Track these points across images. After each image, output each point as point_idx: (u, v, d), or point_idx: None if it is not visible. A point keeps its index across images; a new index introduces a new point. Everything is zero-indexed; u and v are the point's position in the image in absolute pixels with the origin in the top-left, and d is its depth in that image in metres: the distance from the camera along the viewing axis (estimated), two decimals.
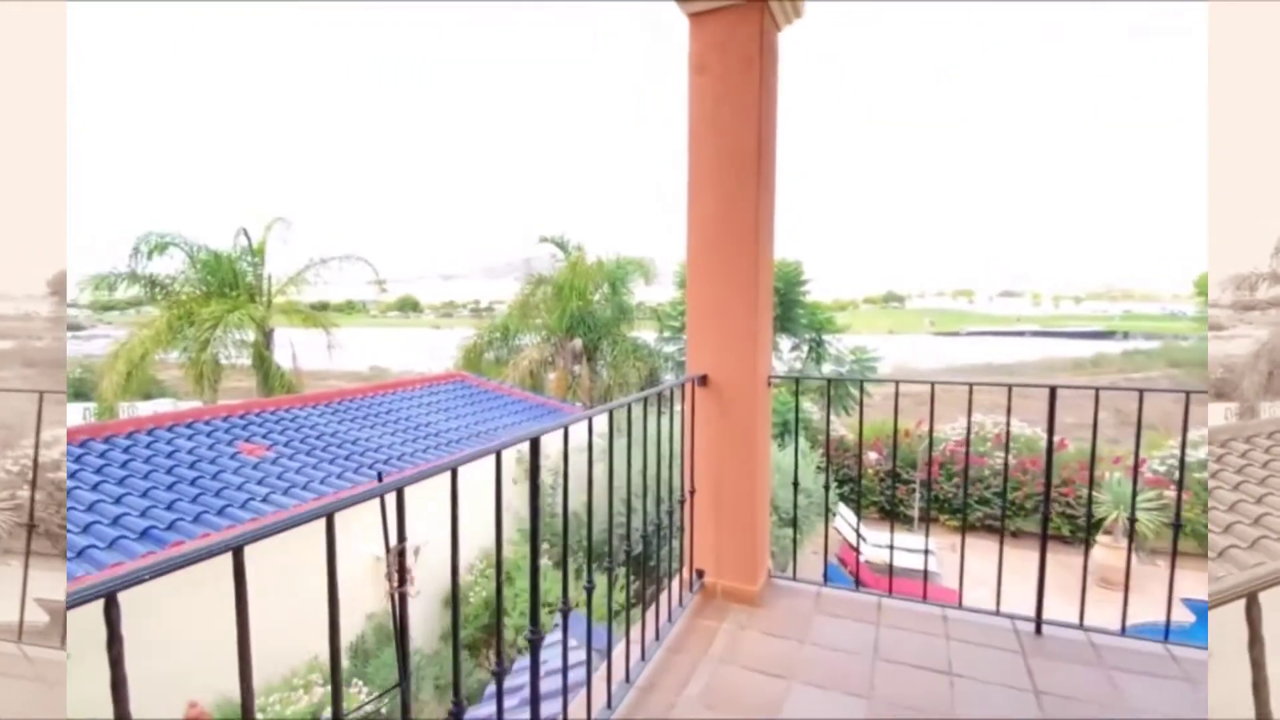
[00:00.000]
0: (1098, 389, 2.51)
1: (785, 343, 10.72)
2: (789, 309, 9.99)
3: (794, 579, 3.00)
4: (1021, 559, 3.05)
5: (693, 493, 2.74)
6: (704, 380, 2.76)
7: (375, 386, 9.46)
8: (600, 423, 2.17)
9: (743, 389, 2.72)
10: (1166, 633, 2.44)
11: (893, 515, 5.18)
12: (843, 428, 11.55)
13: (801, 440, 9.67)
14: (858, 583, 3.76)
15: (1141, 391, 2.53)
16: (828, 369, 10.74)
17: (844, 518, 9.30)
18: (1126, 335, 37.80)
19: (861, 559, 8.56)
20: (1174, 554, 2.53)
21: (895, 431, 3.33)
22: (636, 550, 2.30)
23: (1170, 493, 9.12)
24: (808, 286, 10.47)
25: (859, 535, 8.20)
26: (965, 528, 3.25)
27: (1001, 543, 2.78)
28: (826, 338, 10.61)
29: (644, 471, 2.34)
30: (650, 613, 2.40)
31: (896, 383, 3.19)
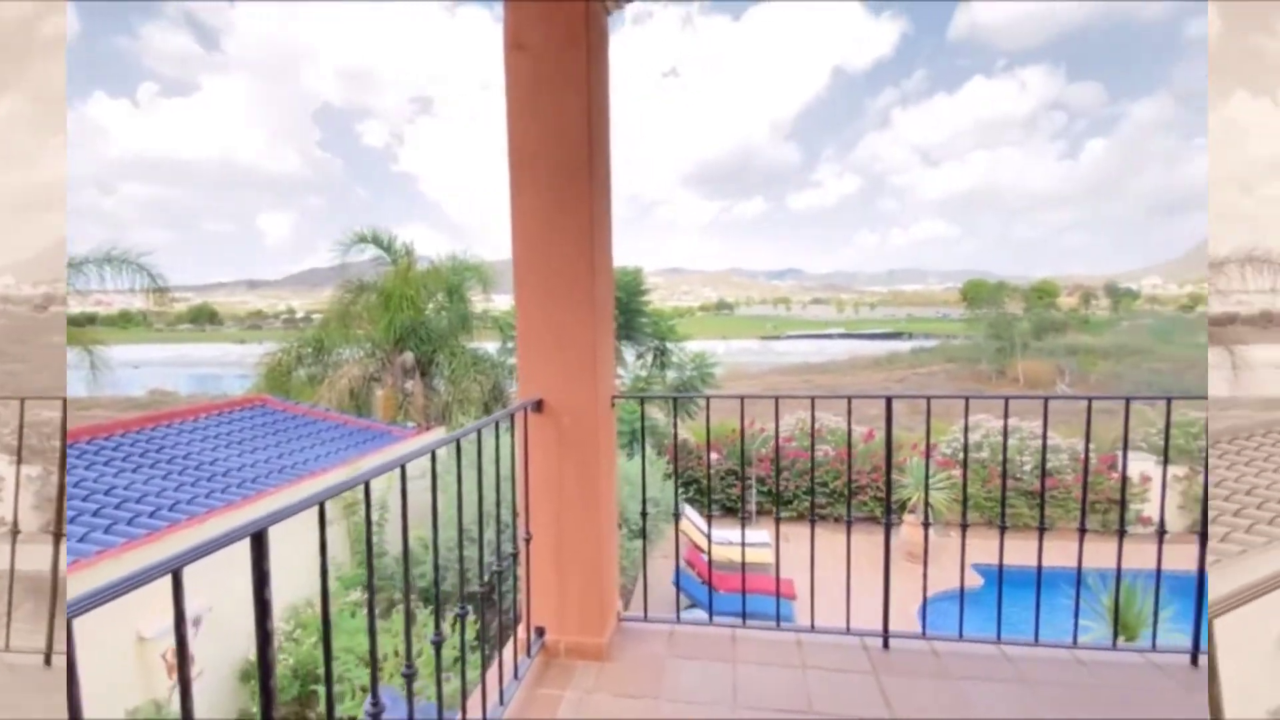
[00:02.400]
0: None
1: (630, 353, 10.70)
2: (632, 319, 9.97)
3: (645, 619, 2.73)
4: (841, 543, 3.12)
5: (528, 540, 2.35)
6: (539, 406, 2.38)
7: (150, 417, 7.70)
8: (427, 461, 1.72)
9: (583, 412, 2.39)
10: (999, 632, 2.54)
11: (778, 515, 5.20)
12: (686, 431, 11.83)
13: (648, 448, 9.67)
14: (710, 589, 3.60)
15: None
16: (672, 376, 10.89)
17: (691, 519, 9.43)
18: (911, 336, 44.23)
19: (708, 559, 8.74)
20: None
21: (742, 440, 3.24)
22: (465, 608, 1.87)
23: (957, 472, 10.53)
24: (650, 296, 10.57)
25: (708, 536, 8.34)
26: (813, 538, 3.21)
27: (849, 549, 2.75)
28: (669, 345, 10.77)
29: (479, 513, 1.90)
30: (477, 693, 1.96)
31: (741, 397, 3.10)
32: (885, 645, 2.49)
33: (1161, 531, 2.65)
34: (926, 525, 4.32)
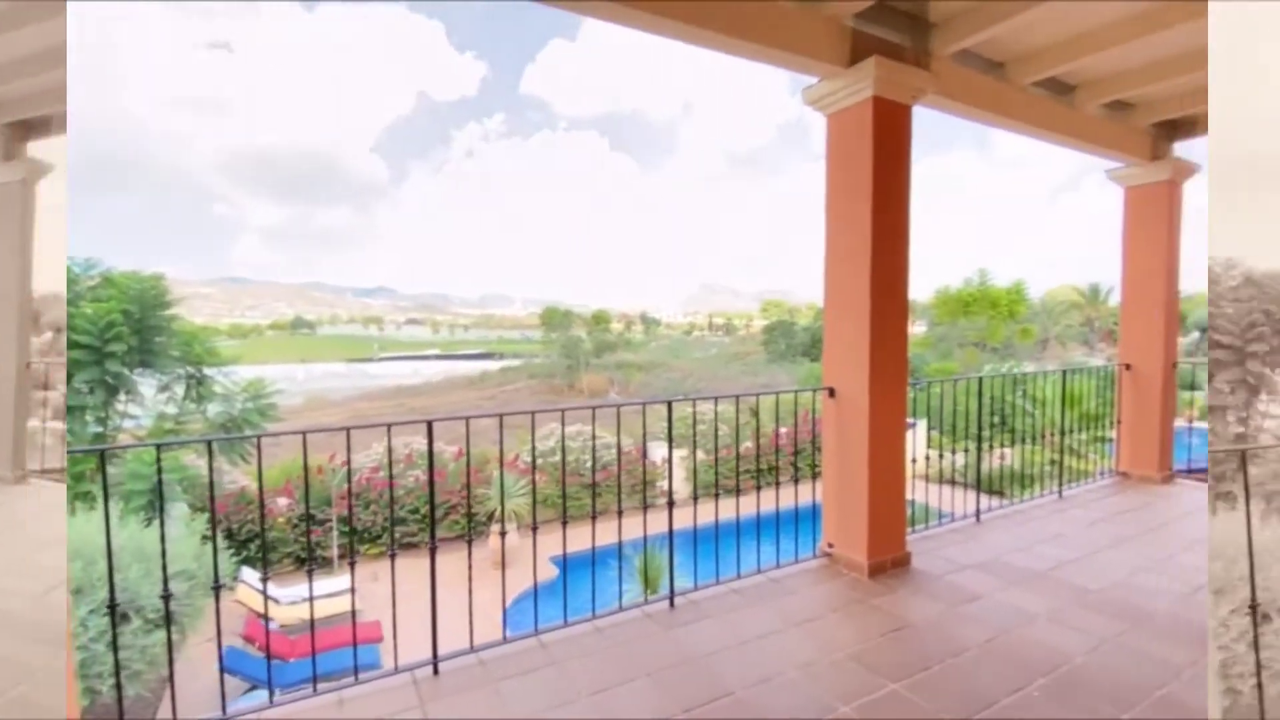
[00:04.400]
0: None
1: (149, 384, 8.27)
2: (148, 339, 7.72)
3: None
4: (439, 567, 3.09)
5: None
6: None
7: None
8: None
9: None
10: (536, 626, 2.82)
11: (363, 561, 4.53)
12: (244, 478, 9.83)
13: (184, 508, 7.65)
14: (279, 661, 2.99)
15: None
16: (216, 410, 8.86)
17: (249, 584, 7.84)
18: (502, 356, 47.40)
19: (274, 626, 7.43)
20: (534, 528, 2.97)
21: (306, 479, 2.80)
22: None
23: (537, 478, 11.63)
24: (178, 308, 8.37)
25: (271, 597, 7.04)
26: (394, 571, 3.00)
27: (434, 575, 2.66)
28: (210, 371, 8.74)
29: None
30: None
31: (304, 432, 2.67)
32: (435, 671, 2.49)
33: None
34: (504, 535, 4.59)
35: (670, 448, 3.59)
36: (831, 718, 2.25)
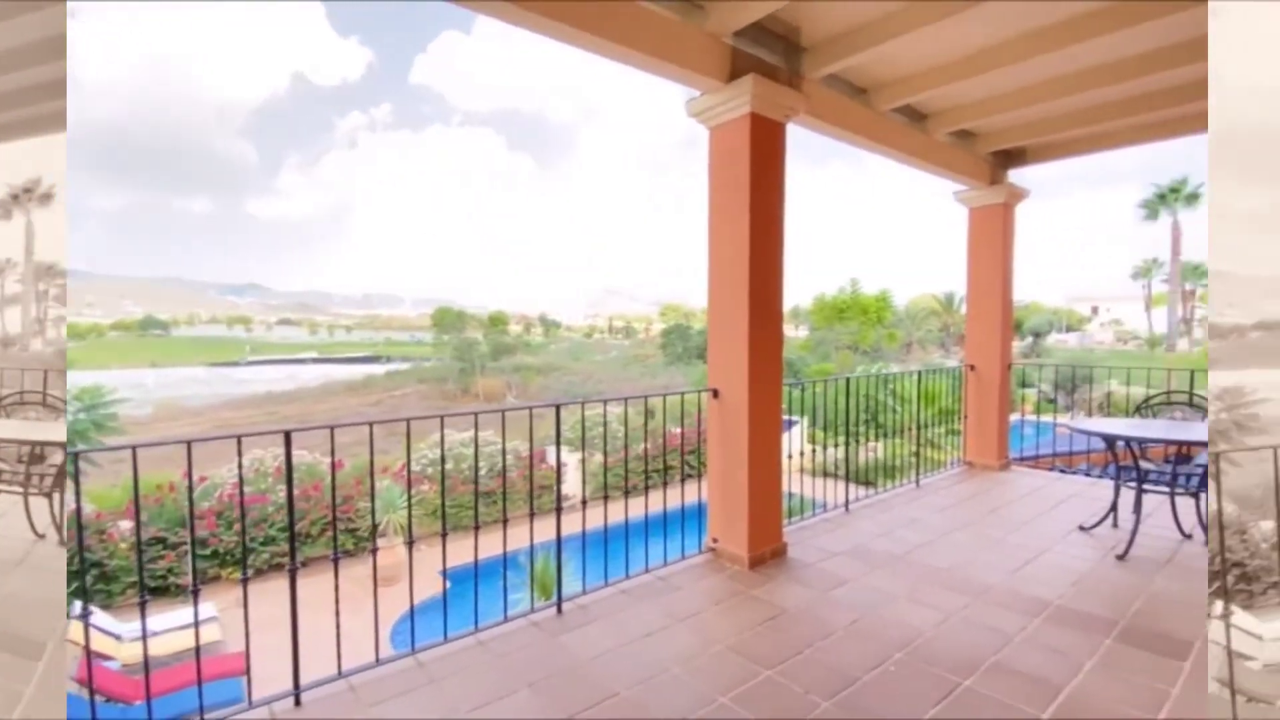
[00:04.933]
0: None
1: None
2: None
3: None
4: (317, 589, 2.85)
5: None
6: None
7: None
8: None
9: None
10: (413, 644, 2.69)
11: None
12: (87, 501, 8.60)
13: None
14: (125, 704, 2.62)
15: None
16: None
17: (86, 619, 6.86)
18: (389, 359, 44.72)
19: (116, 666, 6.54)
20: (409, 544, 2.83)
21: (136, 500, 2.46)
22: None
23: (425, 487, 11.11)
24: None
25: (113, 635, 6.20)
26: (246, 596, 2.72)
27: (294, 599, 2.43)
28: None
29: None
30: None
31: (133, 447, 2.32)
32: (297, 702, 2.31)
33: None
34: (374, 551, 4.32)
35: (559, 452, 3.58)
36: (710, 710, 2.33)
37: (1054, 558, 3.86)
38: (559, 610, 3.14)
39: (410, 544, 3.33)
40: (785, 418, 4.80)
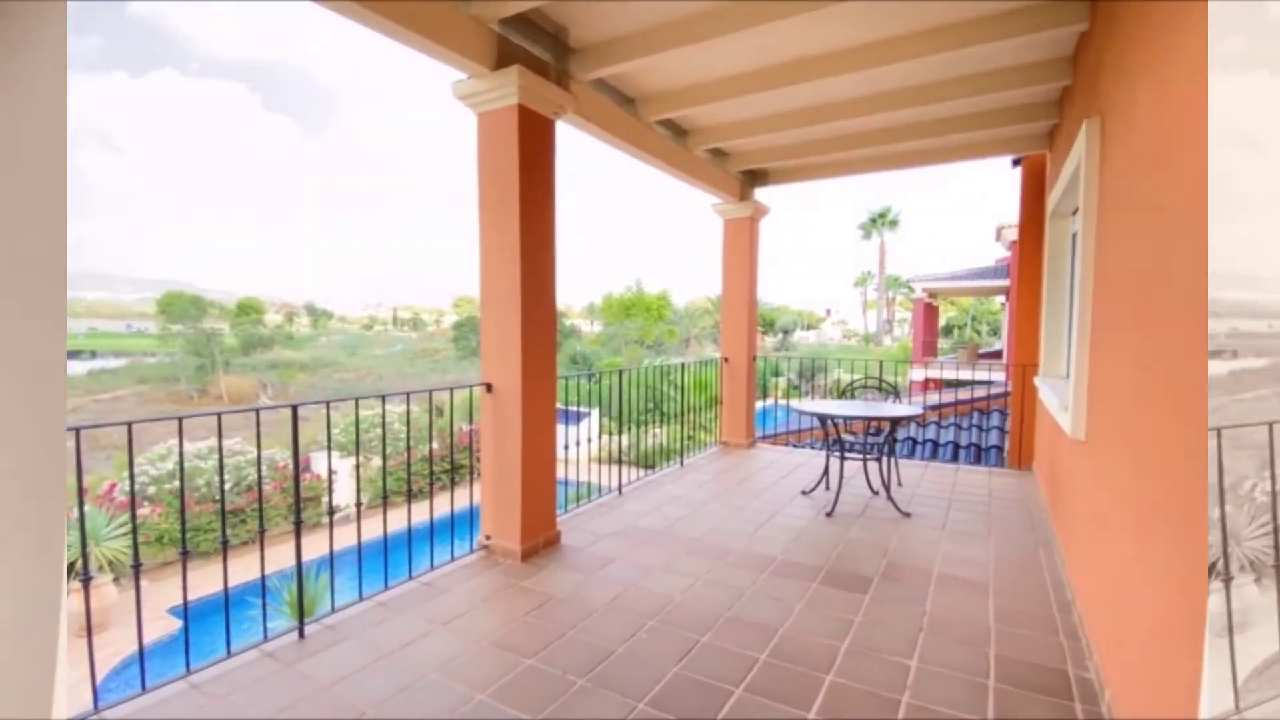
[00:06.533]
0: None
1: None
2: None
3: None
4: None
5: None
6: None
7: None
8: None
9: None
10: (95, 704, 2.19)
11: None
12: None
13: None
14: None
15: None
16: None
17: None
18: (95, 354, 35.76)
19: None
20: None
21: None
22: None
23: (143, 511, 9.16)
24: None
25: None
26: None
27: None
28: None
29: None
30: None
31: None
32: None
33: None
34: (87, 581, 3.45)
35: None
36: (468, 709, 2.29)
37: (782, 519, 4.55)
38: (300, 634, 2.82)
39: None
40: (578, 409, 4.92)
